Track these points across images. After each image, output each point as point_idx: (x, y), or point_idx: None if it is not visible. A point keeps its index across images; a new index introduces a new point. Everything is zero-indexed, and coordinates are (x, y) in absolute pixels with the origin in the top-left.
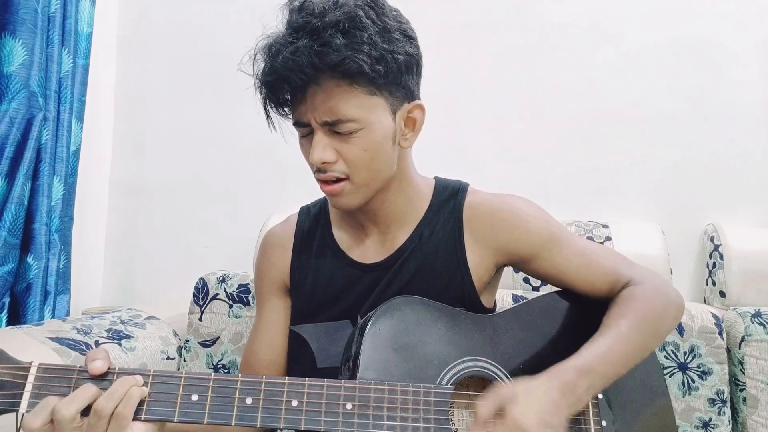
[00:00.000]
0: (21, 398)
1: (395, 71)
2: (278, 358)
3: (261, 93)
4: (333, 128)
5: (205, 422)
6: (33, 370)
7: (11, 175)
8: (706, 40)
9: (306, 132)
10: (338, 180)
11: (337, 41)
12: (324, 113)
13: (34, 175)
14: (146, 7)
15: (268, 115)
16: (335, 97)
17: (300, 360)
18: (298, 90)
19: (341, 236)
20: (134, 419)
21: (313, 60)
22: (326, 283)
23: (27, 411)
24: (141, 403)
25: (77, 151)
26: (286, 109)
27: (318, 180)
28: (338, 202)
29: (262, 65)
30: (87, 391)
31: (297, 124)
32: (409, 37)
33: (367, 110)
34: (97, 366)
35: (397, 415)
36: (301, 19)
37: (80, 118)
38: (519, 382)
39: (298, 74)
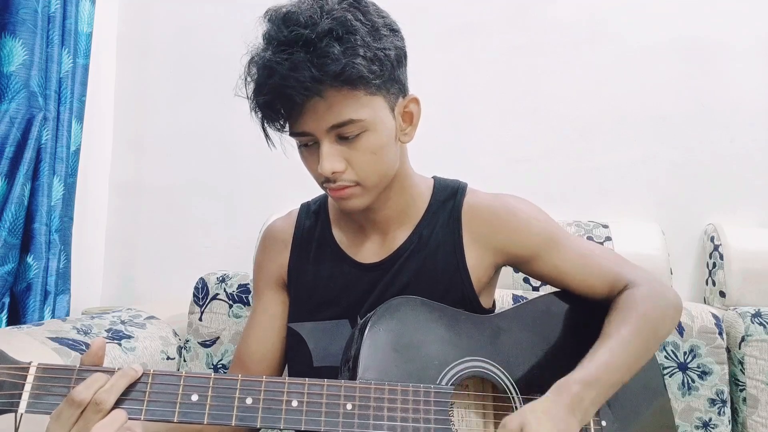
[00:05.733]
0: (20, 398)
1: (389, 68)
2: (270, 353)
3: (258, 113)
4: (339, 133)
5: (205, 422)
6: (32, 370)
7: (11, 175)
8: (706, 40)
9: (307, 141)
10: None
11: (335, 50)
12: (330, 119)
13: (34, 175)
14: (146, 7)
15: (267, 136)
16: (338, 104)
17: (296, 358)
18: (292, 108)
19: (340, 235)
20: (133, 419)
21: (314, 73)
22: (325, 282)
23: (26, 411)
24: (141, 403)
25: (77, 151)
26: (284, 123)
27: (326, 189)
28: (347, 205)
29: (254, 85)
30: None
31: (298, 134)
32: (395, 31)
33: (370, 111)
34: (98, 341)
35: (398, 416)
36: (289, 32)
37: (80, 118)
38: (525, 408)
39: (300, 90)
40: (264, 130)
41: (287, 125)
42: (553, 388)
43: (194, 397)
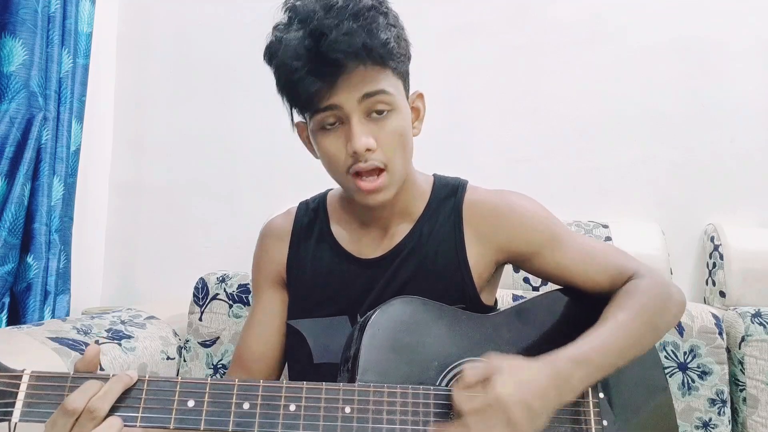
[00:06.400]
0: (14, 407)
1: (408, 56)
2: (270, 352)
3: (286, 88)
4: (370, 106)
5: (202, 429)
6: (25, 378)
7: (11, 175)
8: (706, 40)
9: (333, 118)
10: (378, 172)
11: (381, 21)
12: (363, 88)
13: (34, 175)
14: (146, 7)
15: (293, 120)
16: (373, 76)
17: (296, 355)
18: (332, 75)
19: (339, 231)
20: (129, 426)
21: (366, 40)
22: (324, 279)
23: (20, 420)
24: (136, 410)
25: (77, 151)
26: (311, 99)
27: (354, 173)
28: (377, 198)
29: (285, 56)
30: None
31: (326, 108)
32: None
33: (396, 91)
34: (93, 349)
35: (397, 418)
36: (330, 5)
37: (80, 118)
38: (514, 358)
39: (347, 54)
40: (291, 113)
41: (313, 102)
42: (542, 358)
43: (190, 403)
